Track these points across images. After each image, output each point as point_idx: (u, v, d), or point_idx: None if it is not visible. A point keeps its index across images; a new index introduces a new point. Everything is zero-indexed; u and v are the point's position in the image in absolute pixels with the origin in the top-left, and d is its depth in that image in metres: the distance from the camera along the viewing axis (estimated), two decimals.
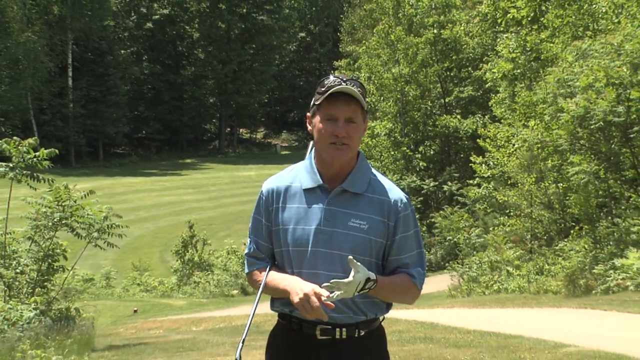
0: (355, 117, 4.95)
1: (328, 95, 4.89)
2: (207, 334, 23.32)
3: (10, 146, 23.30)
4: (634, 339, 16.49)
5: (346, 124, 4.91)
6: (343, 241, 4.90)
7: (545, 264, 32.33)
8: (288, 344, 5.09)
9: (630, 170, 30.69)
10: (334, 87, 4.88)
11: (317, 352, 4.97)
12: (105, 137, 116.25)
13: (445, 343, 18.09)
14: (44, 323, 21.66)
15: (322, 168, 5.04)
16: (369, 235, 4.93)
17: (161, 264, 58.40)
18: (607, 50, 29.78)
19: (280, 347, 5.16)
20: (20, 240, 23.61)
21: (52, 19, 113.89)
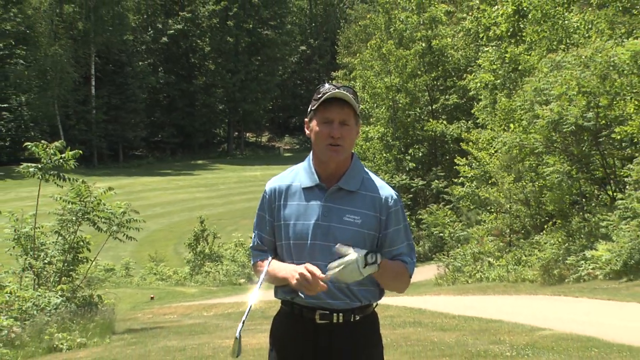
0: (348, 119, 4.99)
1: (323, 100, 4.95)
2: (217, 319, 23.29)
3: (39, 149, 23.36)
4: (603, 323, 16.48)
5: (340, 126, 4.95)
6: (339, 234, 4.92)
7: (523, 255, 32.29)
8: (290, 328, 5.12)
9: (600, 170, 30.72)
10: (329, 93, 4.93)
11: (316, 335, 5.00)
12: (124, 140, 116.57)
13: (433, 327, 18.08)
14: (69, 309, 21.68)
15: (320, 168, 5.07)
16: (363, 229, 4.97)
17: (175, 256, 58.39)
18: (579, 62, 29.82)
19: (282, 331, 5.18)
20: (48, 234, 23.62)
21: (76, 34, 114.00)
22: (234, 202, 79.59)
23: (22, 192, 56.03)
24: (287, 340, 5.15)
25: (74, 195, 23.10)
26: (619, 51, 28.54)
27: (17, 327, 19.84)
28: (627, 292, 21.54)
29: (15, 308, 20.61)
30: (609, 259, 25.51)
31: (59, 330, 20.20)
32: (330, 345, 5.00)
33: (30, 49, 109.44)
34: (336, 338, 5.00)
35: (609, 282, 24.74)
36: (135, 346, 18.60)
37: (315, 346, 5.02)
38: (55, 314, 20.96)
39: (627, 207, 26.14)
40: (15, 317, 20.19)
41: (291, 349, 5.10)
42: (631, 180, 27.18)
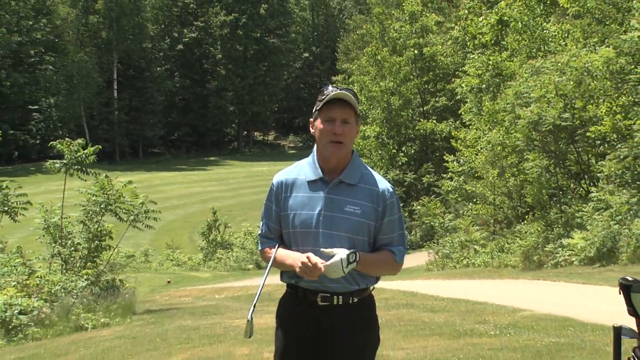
0: (349, 118, 5.03)
1: (327, 100, 4.98)
2: (227, 301, 23.28)
3: (64, 146, 23.47)
4: (578, 305, 16.48)
5: (342, 124, 4.98)
6: (341, 223, 4.96)
7: (506, 243, 32.29)
8: (294, 309, 5.15)
9: (575, 166, 30.73)
10: (332, 94, 4.96)
11: (318, 315, 5.03)
12: (144, 139, 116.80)
13: (423, 308, 18.08)
14: (94, 291, 21.72)
15: (323, 163, 5.09)
16: (362, 219, 4.99)
17: (190, 243, 58.41)
18: (556, 68, 29.82)
19: (287, 312, 5.21)
20: (74, 224, 23.65)
21: (100, 42, 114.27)
22: (243, 194, 79.61)
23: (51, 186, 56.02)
24: (292, 321, 5.17)
25: (98, 188, 23.17)
26: (593, 58, 28.54)
27: (46, 308, 19.84)
28: (599, 276, 21.53)
29: (45, 291, 20.63)
30: (583, 247, 25.54)
31: (84, 311, 20.22)
32: (331, 326, 5.02)
33: (58, 56, 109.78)
34: (336, 319, 5.03)
35: (584, 268, 24.74)
36: (153, 325, 18.61)
37: (317, 326, 5.04)
38: (81, 296, 21.00)
39: (600, 199, 26.18)
40: (45, 299, 20.21)
41: (295, 328, 5.13)
42: (603, 175, 27.22)
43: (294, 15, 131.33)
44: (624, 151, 26.20)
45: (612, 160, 26.67)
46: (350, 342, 5.06)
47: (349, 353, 5.06)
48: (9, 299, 19.11)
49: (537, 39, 36.25)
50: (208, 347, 14.21)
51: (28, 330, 18.67)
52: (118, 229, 24.56)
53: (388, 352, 12.71)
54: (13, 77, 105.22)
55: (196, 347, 14.37)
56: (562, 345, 12.49)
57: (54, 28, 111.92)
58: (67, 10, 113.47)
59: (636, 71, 27.22)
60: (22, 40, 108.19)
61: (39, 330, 18.85)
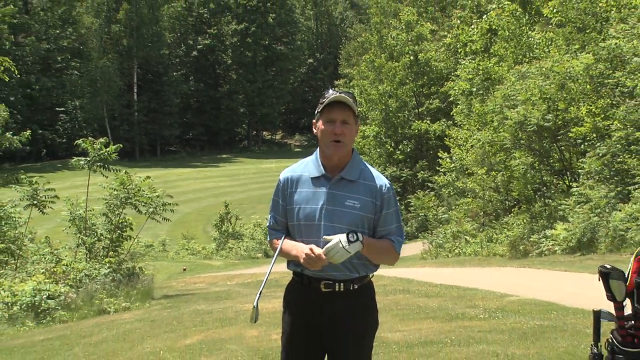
0: (348, 119, 5.06)
1: (328, 103, 5.03)
2: (238, 287, 23.30)
3: (88, 145, 23.55)
4: (560, 290, 16.48)
5: (342, 124, 5.02)
6: (342, 216, 4.99)
7: (494, 234, 32.31)
8: (300, 295, 5.18)
9: (558, 163, 30.74)
10: (332, 97, 5.02)
11: (322, 301, 5.06)
12: (161, 138, 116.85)
13: (419, 294, 18.09)
14: (115, 278, 21.74)
15: (325, 161, 5.12)
16: (361, 212, 5.02)
17: (204, 234, 58.43)
18: (540, 73, 29.84)
19: (294, 297, 5.25)
20: (97, 216, 23.70)
21: (122, 49, 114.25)
22: (253, 189, 79.57)
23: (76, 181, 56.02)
24: (297, 307, 5.21)
25: (119, 183, 23.21)
26: (574, 64, 28.55)
27: (72, 293, 19.90)
28: (580, 264, 21.53)
29: (70, 277, 20.68)
30: (565, 237, 25.55)
31: (107, 296, 20.25)
32: (333, 313, 5.05)
33: (83, 62, 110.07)
34: (338, 305, 5.07)
35: (566, 256, 24.73)
36: (170, 309, 18.62)
37: (321, 312, 5.08)
38: (103, 283, 21.03)
39: (580, 193, 26.18)
40: (70, 285, 20.27)
41: (301, 314, 5.16)
42: (584, 172, 27.21)
43: (299, 25, 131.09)
44: (603, 149, 26.25)
45: (591, 158, 26.70)
46: (351, 328, 5.09)
47: (349, 339, 5.09)
48: (38, 285, 19.14)
49: (523, 46, 36.27)
50: (220, 330, 14.23)
51: (55, 313, 18.71)
52: (137, 220, 24.60)
53: (386, 334, 12.71)
54: (42, 81, 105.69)
55: (210, 330, 14.38)
56: (546, 327, 12.49)
57: (79, 36, 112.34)
58: (91, 19, 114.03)
59: (614, 76, 27.24)
60: (50, 48, 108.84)
61: (65, 314, 18.88)
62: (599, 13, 31.36)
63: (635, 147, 25.28)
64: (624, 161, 25.30)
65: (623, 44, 26.61)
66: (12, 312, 18.47)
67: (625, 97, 26.93)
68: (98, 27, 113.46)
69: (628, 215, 23.41)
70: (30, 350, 14.14)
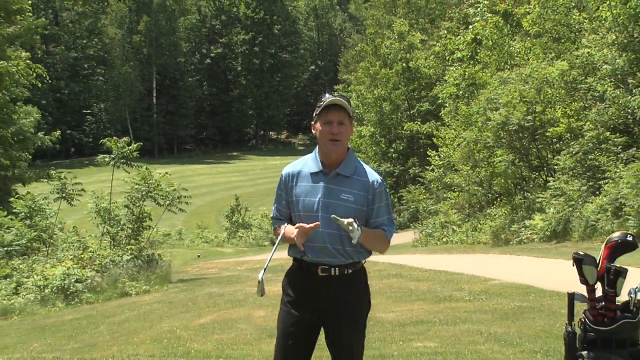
0: (344, 120, 5.09)
1: (325, 106, 5.06)
2: (247, 272, 23.30)
3: (112, 143, 23.62)
4: (538, 275, 16.48)
5: (338, 125, 5.06)
6: (337, 208, 5.01)
7: (478, 224, 32.30)
8: (299, 279, 5.21)
9: (536, 160, 30.72)
10: (329, 100, 5.06)
11: (319, 285, 5.09)
12: (178, 137, 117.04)
13: (410, 278, 18.09)
14: (136, 264, 21.76)
15: (323, 158, 5.16)
16: (355, 205, 5.06)
17: (216, 224, 58.45)
18: (520, 78, 29.83)
19: (293, 281, 5.26)
20: (120, 208, 23.70)
21: (142, 57, 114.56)
22: (260, 184, 79.59)
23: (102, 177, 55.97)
24: (296, 288, 5.23)
25: (140, 178, 23.24)
26: (550, 70, 28.58)
27: (98, 277, 19.93)
28: (556, 251, 21.54)
29: (96, 263, 20.70)
30: (542, 227, 25.60)
31: (129, 279, 20.27)
32: (328, 293, 5.07)
33: (107, 69, 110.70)
34: (333, 287, 5.09)
35: (543, 244, 24.74)
36: (186, 292, 18.63)
37: (317, 293, 5.10)
38: (126, 268, 21.04)
39: (556, 187, 26.21)
40: (96, 270, 20.29)
41: (299, 295, 5.19)
42: (559, 168, 27.26)
43: (302, 35, 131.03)
44: (576, 148, 26.32)
45: (566, 155, 26.75)
46: (346, 310, 5.11)
47: (344, 320, 5.10)
48: (67, 270, 19.18)
49: (505, 54, 36.23)
50: (231, 310, 14.24)
51: (83, 295, 18.74)
52: (156, 212, 24.61)
53: (381, 315, 12.71)
54: (70, 86, 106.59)
55: (221, 310, 14.39)
56: (525, 308, 12.50)
57: (104, 45, 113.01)
58: (115, 31, 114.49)
59: (586, 81, 27.37)
60: (78, 56, 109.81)
61: (91, 296, 18.91)
62: (573, 25, 31.38)
63: (605, 145, 25.39)
64: (595, 158, 25.40)
65: (594, 53, 26.68)
66: (44, 294, 18.50)
67: (596, 101, 27.06)
68: (121, 37, 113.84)
69: (598, 207, 23.49)
70: (60, 328, 14.15)
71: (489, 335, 10.63)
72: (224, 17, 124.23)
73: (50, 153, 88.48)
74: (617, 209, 22.86)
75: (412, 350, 10.03)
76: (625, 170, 22.89)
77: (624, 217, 22.17)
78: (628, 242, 4.42)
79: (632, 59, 25.75)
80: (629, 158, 24.08)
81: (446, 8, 59.37)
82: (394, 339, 10.82)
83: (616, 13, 26.03)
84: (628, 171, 22.60)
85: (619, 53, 25.97)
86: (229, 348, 10.79)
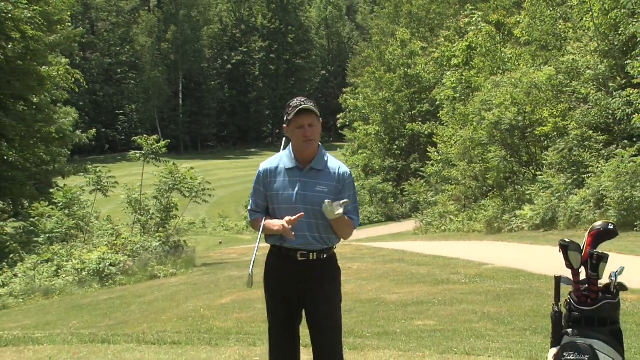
0: (314, 122, 5.15)
1: (296, 112, 5.09)
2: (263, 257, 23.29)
3: (142, 141, 23.75)
4: (527, 260, 16.48)
5: (309, 127, 5.11)
6: (313, 199, 5.08)
7: (473, 214, 32.28)
8: (280, 263, 5.32)
9: (526, 156, 30.68)
10: (299, 106, 5.10)
11: (298, 268, 5.18)
12: (201, 135, 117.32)
13: (411, 263, 18.10)
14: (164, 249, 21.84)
15: (297, 155, 5.22)
16: (329, 195, 5.10)
17: (236, 214, 58.49)
18: (511, 82, 29.82)
19: (274, 265, 5.40)
20: (150, 199, 23.81)
21: (169, 63, 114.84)
22: None
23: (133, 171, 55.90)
24: (277, 272, 5.35)
25: (167, 172, 23.33)
26: (539, 75, 28.61)
27: (129, 261, 20.01)
28: (543, 239, 21.53)
29: (128, 249, 20.78)
30: (531, 216, 25.63)
31: (157, 263, 20.35)
32: (306, 280, 5.17)
33: (138, 73, 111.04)
34: (310, 273, 5.18)
35: (532, 232, 24.76)
36: (209, 275, 18.69)
37: (297, 280, 5.20)
38: (155, 253, 21.13)
39: (544, 181, 26.24)
40: (128, 255, 20.38)
41: (280, 278, 5.30)
42: (547, 163, 27.29)
43: (314, 43, 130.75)
44: (562, 145, 26.41)
45: (553, 152, 26.81)
46: (322, 289, 5.19)
47: (321, 297, 5.19)
48: (102, 255, 19.28)
49: (497, 61, 36.18)
50: (250, 291, 14.26)
51: (116, 278, 18.84)
52: (182, 202, 24.71)
53: (385, 296, 12.72)
54: (105, 89, 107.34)
55: (240, 291, 14.43)
56: (516, 290, 12.50)
57: (135, 52, 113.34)
58: (145, 39, 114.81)
59: (571, 85, 27.39)
60: (112, 62, 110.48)
61: (123, 278, 19.00)
62: (559, 34, 31.31)
63: (588, 143, 25.49)
64: (579, 155, 25.51)
65: (578, 59, 26.68)
66: (82, 277, 18.61)
67: (580, 102, 27.10)
68: (150, 45, 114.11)
69: (582, 198, 23.56)
70: (96, 307, 14.22)
71: (483, 314, 10.64)
72: (244, 27, 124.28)
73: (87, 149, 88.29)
74: (599, 201, 22.92)
75: (413, 328, 10.04)
76: (606, 166, 23.04)
77: (605, 207, 22.26)
78: (609, 230, 4.43)
79: (612, 65, 25.82)
80: (610, 154, 24.19)
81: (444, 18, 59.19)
82: (397, 317, 10.84)
83: (598, 23, 26.01)
84: (609, 166, 22.74)
85: (601, 59, 25.98)
86: (247, 325, 10.82)
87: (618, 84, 25.42)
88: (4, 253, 21.56)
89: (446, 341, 8.80)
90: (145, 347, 8.51)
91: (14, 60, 26.79)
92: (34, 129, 29.04)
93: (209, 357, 7.91)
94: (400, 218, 46.59)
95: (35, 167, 31.30)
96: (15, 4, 25.78)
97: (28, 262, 19.94)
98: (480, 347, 8.20)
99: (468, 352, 7.77)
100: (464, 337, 9.17)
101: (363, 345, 8.26)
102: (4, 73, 26.39)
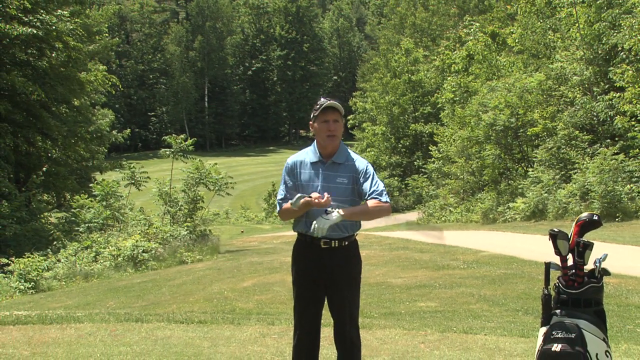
0: (338, 119, 5.12)
1: (322, 108, 5.08)
2: (282, 245, 23.36)
3: (172, 140, 23.82)
4: (520, 248, 16.43)
5: (334, 123, 5.08)
6: (334, 191, 5.04)
7: (471, 206, 32.22)
8: (305, 251, 5.24)
9: (518, 154, 30.62)
10: (325, 103, 5.08)
11: (321, 254, 5.14)
12: (225, 135, 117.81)
13: (415, 250, 18.08)
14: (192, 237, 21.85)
15: (321, 150, 5.20)
16: (349, 185, 5.11)
17: (256, 205, 58.56)
18: (505, 87, 29.79)
19: (300, 253, 5.31)
20: (178, 192, 23.83)
21: (196, 69, 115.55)
22: None
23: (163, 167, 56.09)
24: (303, 259, 5.28)
25: (194, 168, 23.36)
26: (530, 80, 28.58)
27: (160, 248, 20.03)
28: (534, 228, 21.48)
29: (159, 237, 20.81)
30: (523, 208, 25.60)
31: (185, 250, 20.38)
32: (330, 261, 5.13)
33: (168, 79, 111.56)
34: (334, 256, 5.15)
35: (524, 222, 24.70)
36: (232, 261, 18.71)
37: (321, 262, 5.16)
38: (183, 241, 21.15)
39: (534, 176, 26.23)
40: (159, 242, 20.40)
41: (306, 264, 5.25)
42: (537, 160, 27.27)
43: (327, 51, 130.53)
44: (551, 144, 26.47)
45: (542, 150, 26.80)
46: (344, 274, 5.17)
47: (344, 282, 5.17)
48: (136, 242, 19.31)
49: (493, 67, 36.18)
50: (269, 275, 14.29)
51: (148, 263, 18.86)
52: (208, 195, 24.73)
53: (391, 280, 12.72)
54: (138, 93, 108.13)
55: (261, 276, 14.44)
56: (509, 275, 12.48)
57: (166, 60, 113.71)
58: (175, 48, 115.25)
59: (559, 90, 27.38)
60: (144, 69, 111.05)
61: (155, 263, 19.03)
62: (548, 43, 31.25)
63: (575, 142, 25.55)
64: (567, 152, 25.61)
65: (566, 66, 26.63)
66: (117, 262, 18.65)
67: (567, 105, 27.12)
68: (179, 53, 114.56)
69: (569, 192, 23.55)
70: (130, 289, 14.27)
71: (480, 296, 10.63)
72: (263, 37, 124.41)
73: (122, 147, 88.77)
74: (584, 194, 22.92)
75: (416, 309, 10.05)
76: (591, 163, 23.21)
77: (590, 200, 22.28)
78: (594, 220, 4.44)
79: (596, 71, 25.86)
80: (594, 152, 24.33)
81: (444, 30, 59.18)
82: (401, 299, 10.85)
83: (584, 34, 25.98)
84: (593, 163, 22.92)
85: (586, 66, 25.95)
86: (267, 307, 10.84)
87: (602, 88, 25.54)
88: (49, 240, 21.67)
89: (446, 321, 8.81)
90: (174, 326, 8.57)
91: (57, 68, 26.94)
92: (75, 129, 29.24)
93: (232, 335, 7.95)
94: (405, 209, 46.57)
95: (76, 163, 31.55)
96: (59, 17, 25.91)
97: (70, 249, 20.00)
98: (477, 326, 8.21)
99: (466, 331, 7.78)
100: (462, 317, 9.17)
101: (371, 324, 8.29)
102: (49, 79, 26.52)
